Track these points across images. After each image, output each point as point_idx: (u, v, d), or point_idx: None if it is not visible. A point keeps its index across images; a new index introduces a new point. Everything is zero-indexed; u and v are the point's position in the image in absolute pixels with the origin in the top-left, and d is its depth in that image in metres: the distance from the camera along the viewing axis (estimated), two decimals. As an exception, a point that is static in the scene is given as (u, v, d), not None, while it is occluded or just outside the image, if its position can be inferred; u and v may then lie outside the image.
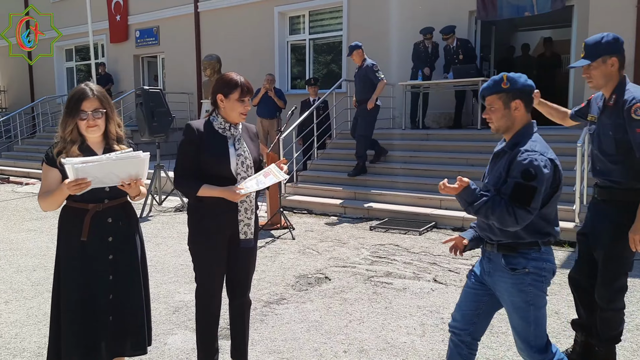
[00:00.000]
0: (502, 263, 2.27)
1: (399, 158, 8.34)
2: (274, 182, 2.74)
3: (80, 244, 2.41)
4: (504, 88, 2.27)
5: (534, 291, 2.25)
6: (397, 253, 5.52)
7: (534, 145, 2.21)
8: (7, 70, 19.19)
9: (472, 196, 2.20)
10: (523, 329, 2.30)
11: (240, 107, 2.71)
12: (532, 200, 2.12)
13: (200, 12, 13.33)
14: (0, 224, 7.05)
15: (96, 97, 2.44)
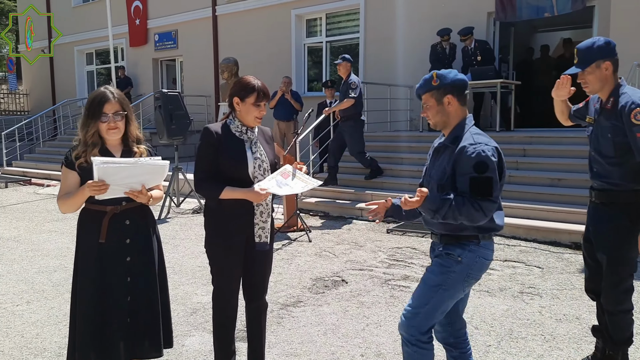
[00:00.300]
0: (440, 249, 2.36)
1: (416, 160, 8.27)
2: (303, 189, 2.69)
3: (98, 246, 2.44)
4: (435, 85, 2.33)
5: (454, 278, 2.31)
6: (415, 256, 5.48)
7: (477, 137, 2.26)
8: (30, 75, 19.56)
9: (435, 203, 2.21)
10: (419, 304, 2.33)
11: (256, 111, 2.72)
12: (492, 190, 2.18)
13: (218, 15, 13.44)
14: (22, 225, 7.17)
15: (117, 100, 2.47)
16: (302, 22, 12.28)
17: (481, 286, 4.54)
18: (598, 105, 2.87)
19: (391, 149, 8.88)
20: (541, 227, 6.03)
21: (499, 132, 8.32)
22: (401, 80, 10.16)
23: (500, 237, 6.17)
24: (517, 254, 5.51)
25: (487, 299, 4.24)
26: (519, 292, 4.39)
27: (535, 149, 7.58)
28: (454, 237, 2.32)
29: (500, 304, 4.15)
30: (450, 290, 2.32)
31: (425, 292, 2.35)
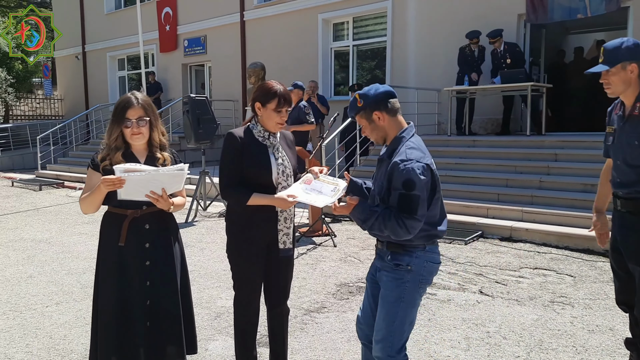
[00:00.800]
0: (388, 259, 2.36)
1: (444, 165, 8.16)
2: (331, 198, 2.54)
3: (118, 249, 2.46)
4: (360, 106, 2.37)
5: (410, 288, 2.33)
6: (442, 263, 5.37)
7: (411, 152, 2.27)
8: (64, 80, 20.11)
9: (363, 213, 2.27)
10: (387, 324, 2.34)
11: (277, 117, 2.70)
12: (418, 208, 2.20)
13: (246, 20, 13.56)
14: (54, 227, 7.34)
15: (141, 106, 2.48)
16: (329, 26, 12.27)
17: (510, 294, 4.43)
18: (621, 112, 2.73)
19: (418, 153, 8.76)
20: (574, 234, 5.85)
21: (529, 136, 8.14)
22: (429, 84, 10.05)
23: (531, 244, 6.02)
24: (548, 262, 5.36)
25: (516, 308, 4.13)
26: (550, 302, 4.26)
27: (568, 153, 7.37)
28: (400, 246, 2.34)
29: (529, 313, 4.03)
30: (410, 301, 2.36)
31: (389, 310, 2.35)
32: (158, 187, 2.39)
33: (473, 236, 6.28)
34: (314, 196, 2.56)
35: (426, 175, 2.24)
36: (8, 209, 9.02)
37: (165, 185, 2.42)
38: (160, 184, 2.39)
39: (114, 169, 2.33)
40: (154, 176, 2.37)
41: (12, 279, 5.03)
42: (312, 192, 2.59)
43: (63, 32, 19.64)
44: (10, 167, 15.65)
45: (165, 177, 2.40)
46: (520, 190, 7.01)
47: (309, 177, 2.67)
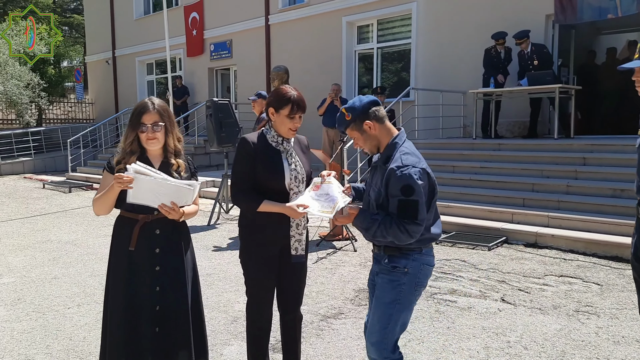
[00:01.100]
0: (385, 262, 2.39)
1: (469, 169, 8.04)
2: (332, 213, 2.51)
3: (128, 254, 2.47)
4: (349, 120, 2.38)
5: (405, 290, 2.36)
6: (464, 269, 5.28)
7: (406, 158, 2.29)
8: (95, 84, 20.58)
9: (364, 222, 2.32)
10: (382, 326, 2.37)
11: (290, 123, 2.67)
12: (418, 213, 2.23)
13: (271, 24, 13.63)
14: (81, 229, 7.49)
15: (156, 111, 2.49)
16: (353, 29, 12.23)
17: (533, 303, 4.31)
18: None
19: (442, 156, 8.66)
20: (601, 241, 5.67)
21: (557, 139, 7.93)
22: (454, 86, 9.91)
23: (557, 250, 5.86)
24: (574, 269, 5.20)
25: (538, 317, 4.01)
26: (575, 311, 4.13)
27: (597, 157, 7.16)
28: (396, 249, 2.35)
29: (553, 322, 3.91)
30: (405, 303, 2.39)
31: (383, 312, 2.39)
32: (168, 199, 2.40)
33: (497, 242, 6.14)
34: (323, 203, 2.54)
35: (423, 180, 2.27)
36: (38, 211, 9.25)
37: (174, 198, 2.42)
38: (169, 194, 2.39)
39: (127, 167, 2.35)
40: (162, 184, 2.37)
41: (37, 280, 5.14)
42: (321, 197, 2.57)
43: (94, 37, 20.18)
44: (42, 170, 16.07)
45: (174, 189, 2.40)
46: (547, 195, 6.83)
47: (316, 182, 2.64)
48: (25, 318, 4.14)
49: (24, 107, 15.93)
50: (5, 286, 4.95)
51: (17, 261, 5.85)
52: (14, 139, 15.97)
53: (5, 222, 8.28)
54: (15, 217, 8.64)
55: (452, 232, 6.67)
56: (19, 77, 15.64)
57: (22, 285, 4.96)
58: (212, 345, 3.60)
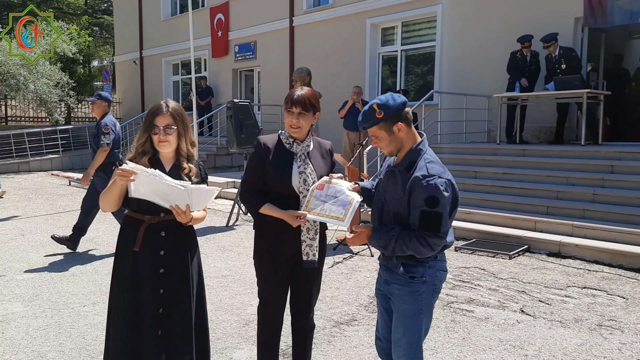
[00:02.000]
0: (401, 271, 2.30)
1: (491, 175, 7.87)
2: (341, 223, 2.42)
3: (133, 255, 2.46)
4: (380, 117, 2.25)
5: (426, 299, 2.30)
6: (483, 278, 5.15)
7: (432, 167, 2.20)
8: (123, 84, 20.93)
9: (381, 241, 2.24)
10: (409, 337, 2.32)
11: (288, 118, 2.65)
12: (441, 226, 2.15)
13: (295, 26, 13.64)
14: (102, 227, 7.57)
15: (170, 114, 2.48)
16: (378, 31, 12.14)
17: (554, 315, 4.17)
18: None
19: (465, 161, 8.51)
20: (628, 252, 5.47)
21: (584, 146, 7.71)
22: (479, 90, 9.74)
23: (581, 261, 5.67)
24: (598, 281, 5.02)
25: (559, 331, 3.88)
26: (597, 325, 3.98)
27: (625, 165, 6.93)
28: (411, 257, 2.27)
29: (573, 337, 3.77)
30: (428, 312, 2.35)
31: (408, 325, 2.33)
32: (166, 197, 2.37)
33: (518, 250, 5.98)
34: (331, 207, 2.47)
35: (449, 191, 2.19)
36: (62, 208, 9.41)
37: (172, 198, 2.39)
38: (167, 193, 2.37)
39: (126, 162, 2.36)
40: (158, 181, 2.34)
41: (55, 277, 5.20)
42: (327, 198, 2.50)
43: (123, 37, 20.52)
44: (69, 167, 16.39)
45: (169, 189, 2.37)
46: (572, 203, 6.63)
47: (321, 182, 2.58)
48: (41, 315, 4.19)
49: (53, 105, 16.27)
50: (24, 282, 5.02)
51: (38, 257, 5.95)
52: (43, 137, 16.34)
53: (31, 218, 8.44)
54: (39, 214, 8.80)
55: (472, 239, 6.53)
56: (49, 76, 15.98)
57: (41, 282, 5.03)
58: (222, 349, 3.58)
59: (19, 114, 19.36)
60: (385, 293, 2.43)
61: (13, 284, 4.97)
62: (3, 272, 5.34)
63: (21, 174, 14.94)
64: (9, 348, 3.57)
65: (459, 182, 7.80)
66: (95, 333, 3.82)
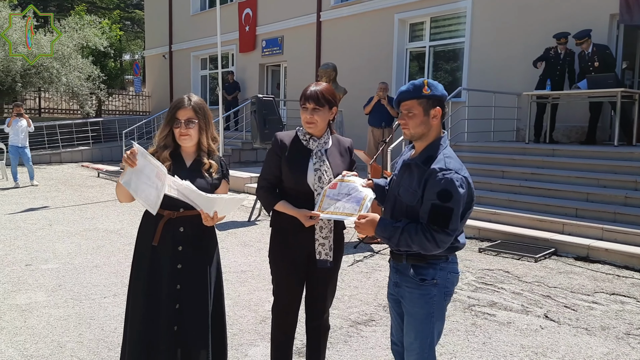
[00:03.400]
0: (411, 273, 2.23)
1: (519, 175, 7.67)
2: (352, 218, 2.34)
3: (151, 250, 2.45)
4: (425, 94, 2.17)
5: (437, 302, 2.23)
6: (506, 281, 5.02)
7: (450, 162, 2.13)
8: (152, 78, 21.23)
9: (386, 231, 2.17)
10: (421, 342, 2.24)
11: (303, 115, 2.62)
12: (450, 222, 2.07)
13: (322, 21, 13.57)
14: (127, 219, 7.69)
15: (192, 108, 2.47)
16: (406, 27, 11.99)
17: (579, 322, 4.03)
18: None
19: (492, 161, 8.32)
20: (661, 259, 5.26)
21: (617, 147, 7.44)
22: (508, 87, 9.52)
23: (610, 266, 5.48)
24: (628, 288, 4.84)
25: (584, 338, 3.74)
26: (625, 334, 3.83)
27: (661, 167, 6.67)
28: (421, 258, 2.21)
29: (600, 345, 3.63)
30: (440, 315, 2.28)
31: (420, 329, 2.25)
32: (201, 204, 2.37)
33: (545, 253, 5.82)
34: (345, 204, 2.40)
35: (464, 188, 2.10)
36: (90, 199, 9.59)
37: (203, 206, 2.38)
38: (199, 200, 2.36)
39: (133, 143, 2.37)
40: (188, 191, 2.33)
41: (79, 267, 5.29)
42: (340, 197, 2.44)
43: (153, 32, 20.79)
44: (99, 159, 16.72)
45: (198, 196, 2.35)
46: (603, 205, 6.41)
47: (334, 181, 2.53)
48: (62, 305, 4.25)
49: (84, 98, 16.61)
50: (49, 272, 5.12)
51: (63, 247, 6.06)
52: (75, 129, 16.71)
53: (59, 208, 8.63)
54: (68, 204, 8.99)
55: (497, 240, 6.38)
56: (80, 69, 16.31)
57: (65, 272, 5.12)
58: (237, 345, 3.57)
59: (52, 106, 19.83)
60: (396, 296, 2.37)
61: (38, 273, 5.08)
62: (29, 262, 5.45)
63: (52, 165, 15.31)
64: (29, 337, 3.63)
65: (486, 182, 7.68)
66: (114, 325, 3.86)
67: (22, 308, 4.17)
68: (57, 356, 3.36)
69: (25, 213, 8.14)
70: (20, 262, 5.43)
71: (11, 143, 11.11)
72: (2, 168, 12.12)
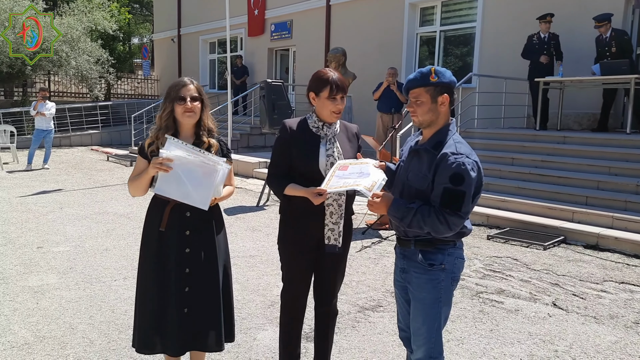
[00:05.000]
0: (419, 258, 2.24)
1: (529, 162, 7.62)
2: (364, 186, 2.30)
3: (159, 235, 2.48)
4: (433, 81, 2.19)
5: (445, 287, 2.25)
6: (515, 268, 5.02)
7: (460, 146, 2.16)
8: (161, 62, 21.18)
9: (399, 211, 2.16)
10: (428, 326, 2.26)
11: (331, 105, 2.58)
12: (463, 205, 2.09)
13: (332, 4, 13.43)
14: (136, 203, 7.72)
15: (195, 86, 2.53)
16: (416, 11, 11.84)
17: (588, 310, 4.02)
18: None
19: (502, 147, 8.26)
20: (672, 248, 5.23)
21: (629, 135, 7.36)
22: (520, 73, 9.38)
23: (620, 254, 5.46)
24: (637, 276, 4.82)
25: (592, 327, 3.74)
26: (634, 322, 3.82)
27: (673, 155, 6.59)
28: (430, 243, 2.23)
29: (608, 334, 3.63)
30: (447, 301, 2.29)
31: (428, 314, 2.27)
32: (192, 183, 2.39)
33: (554, 241, 5.80)
34: (357, 179, 2.34)
35: (475, 172, 2.13)
36: (99, 183, 9.66)
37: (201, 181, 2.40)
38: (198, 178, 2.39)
39: (160, 151, 2.38)
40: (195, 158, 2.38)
41: (90, 250, 5.34)
42: (352, 175, 2.39)
43: (162, 15, 20.69)
44: (108, 142, 16.80)
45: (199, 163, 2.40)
46: (613, 194, 6.36)
47: (344, 163, 2.50)
48: (74, 287, 4.31)
49: (93, 82, 16.63)
50: (60, 254, 5.18)
51: (74, 230, 6.12)
52: (84, 112, 16.76)
53: (70, 191, 8.70)
54: (78, 188, 9.06)
55: (506, 227, 6.36)
56: (89, 53, 16.30)
57: (76, 255, 5.17)
58: (246, 329, 3.60)
59: (62, 89, 19.88)
60: (403, 283, 2.38)
61: (50, 255, 5.14)
62: (41, 244, 5.52)
63: (62, 148, 15.41)
64: (42, 318, 3.69)
65: (495, 169, 7.64)
66: (125, 307, 3.91)
67: (34, 290, 4.23)
68: (69, 337, 3.41)
69: (37, 196, 8.21)
70: (31, 245, 5.50)
71: (37, 127, 11.26)
72: (13, 151, 12.21)
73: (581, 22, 8.29)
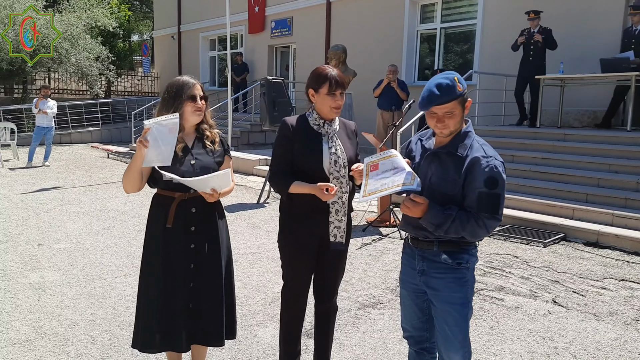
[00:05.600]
0: (444, 258, 2.20)
1: (529, 159, 7.62)
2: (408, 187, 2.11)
3: (164, 231, 2.49)
4: (460, 91, 2.11)
5: (470, 286, 2.23)
6: (515, 265, 5.03)
7: (487, 149, 2.15)
8: (161, 59, 21.16)
9: (437, 218, 2.09)
10: (462, 329, 2.20)
11: (331, 101, 2.58)
12: (499, 207, 2.08)
13: (332, 2, 13.42)
14: (137, 200, 7.74)
15: (200, 85, 2.56)
16: (417, 8, 11.83)
17: (588, 307, 4.03)
18: None
19: (502, 145, 8.23)
20: (672, 245, 5.23)
21: (630, 132, 7.34)
22: (520, 71, 9.37)
23: (620, 252, 5.46)
24: (637, 274, 4.83)
25: (592, 324, 3.75)
26: (634, 320, 3.83)
27: (674, 153, 6.59)
28: (455, 244, 2.19)
29: (607, 331, 3.64)
30: (471, 300, 2.25)
31: (459, 314, 2.20)
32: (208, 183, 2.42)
33: (554, 238, 5.80)
34: (393, 178, 2.15)
35: (505, 173, 2.12)
36: (100, 180, 9.66)
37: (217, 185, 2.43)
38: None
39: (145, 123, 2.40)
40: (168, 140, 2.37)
41: (90, 248, 5.35)
42: (385, 174, 2.20)
43: (162, 12, 20.66)
44: (109, 139, 16.81)
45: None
46: (613, 191, 6.37)
47: (372, 163, 2.28)
48: (75, 284, 4.32)
49: (93, 79, 16.62)
50: (61, 251, 5.19)
51: (75, 228, 6.13)
52: (84, 109, 16.76)
53: (70, 189, 8.70)
54: (78, 185, 9.07)
55: (506, 225, 6.37)
56: (89, 50, 16.28)
57: (76, 252, 5.18)
58: (247, 326, 3.61)
59: (62, 86, 19.87)
60: (418, 286, 2.28)
61: (50, 252, 5.14)
62: (41, 241, 5.53)
63: (62, 145, 15.42)
64: (43, 315, 3.70)
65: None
66: (126, 304, 3.91)
67: (35, 287, 4.24)
68: (70, 334, 3.42)
69: (37, 193, 8.22)
70: (32, 242, 5.51)
71: (37, 124, 11.26)
72: (13, 148, 12.21)
73: (583, 19, 8.27)
